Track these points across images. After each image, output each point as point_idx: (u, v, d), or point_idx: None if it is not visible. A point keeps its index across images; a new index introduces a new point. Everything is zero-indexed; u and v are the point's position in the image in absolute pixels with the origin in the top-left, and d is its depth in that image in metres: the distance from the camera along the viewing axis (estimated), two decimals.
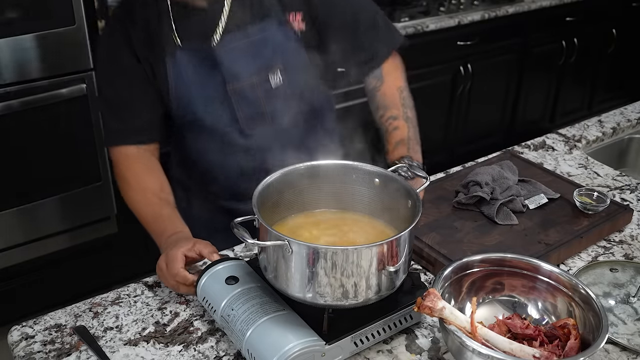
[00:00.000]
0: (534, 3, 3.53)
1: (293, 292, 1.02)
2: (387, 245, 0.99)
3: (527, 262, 1.11)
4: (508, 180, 1.47)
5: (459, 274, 1.10)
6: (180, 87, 1.33)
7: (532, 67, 3.73)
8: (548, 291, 1.10)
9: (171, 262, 1.17)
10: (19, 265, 2.42)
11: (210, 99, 1.35)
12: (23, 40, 2.14)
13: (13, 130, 2.22)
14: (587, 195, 1.48)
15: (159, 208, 1.34)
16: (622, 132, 2.01)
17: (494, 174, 1.48)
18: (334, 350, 1.03)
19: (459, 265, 1.10)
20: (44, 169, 2.33)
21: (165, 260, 1.19)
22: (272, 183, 1.13)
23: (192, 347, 1.11)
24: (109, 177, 2.48)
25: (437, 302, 0.96)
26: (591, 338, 0.99)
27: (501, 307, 1.11)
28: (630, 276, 1.29)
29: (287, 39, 1.34)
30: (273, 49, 1.33)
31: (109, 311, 1.19)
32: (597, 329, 0.98)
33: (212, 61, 1.31)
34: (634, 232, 1.46)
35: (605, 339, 0.95)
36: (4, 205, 2.29)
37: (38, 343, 1.11)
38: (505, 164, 1.56)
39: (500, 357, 0.92)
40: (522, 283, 1.12)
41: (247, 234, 0.99)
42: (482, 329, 0.98)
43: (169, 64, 1.32)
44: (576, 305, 1.06)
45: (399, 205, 1.13)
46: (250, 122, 1.37)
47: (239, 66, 1.32)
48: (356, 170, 1.18)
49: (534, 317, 1.10)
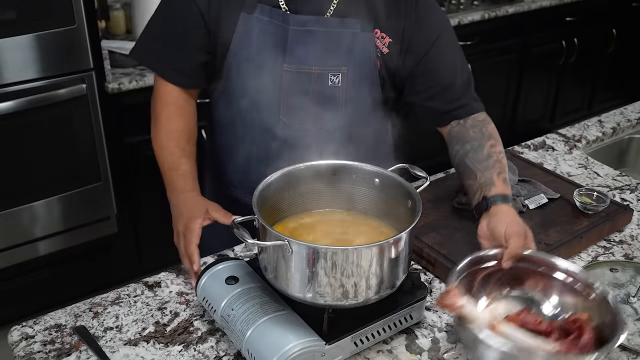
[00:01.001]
0: (534, 3, 3.53)
1: (293, 292, 1.02)
2: (387, 245, 0.99)
3: (542, 259, 1.12)
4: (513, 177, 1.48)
5: (472, 268, 1.10)
6: (243, 45, 1.32)
7: (532, 67, 3.73)
8: (563, 288, 1.10)
9: (189, 234, 1.22)
10: (19, 265, 2.41)
11: (265, 71, 1.32)
12: (23, 40, 2.14)
13: (13, 130, 2.22)
14: (587, 195, 1.48)
15: (177, 160, 1.36)
16: (622, 132, 2.01)
17: None
18: (334, 350, 1.03)
19: (474, 260, 1.10)
20: (44, 169, 2.33)
21: (183, 228, 1.24)
22: (272, 183, 1.13)
23: (192, 347, 1.11)
24: (109, 177, 2.48)
25: (457, 299, 0.98)
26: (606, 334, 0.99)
27: (515, 303, 1.11)
28: (630, 276, 1.29)
29: (363, 48, 1.29)
30: (346, 49, 1.29)
31: (109, 311, 1.19)
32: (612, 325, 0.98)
33: (284, 33, 1.29)
34: (634, 232, 1.46)
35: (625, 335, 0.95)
36: (4, 205, 2.29)
37: (38, 343, 1.11)
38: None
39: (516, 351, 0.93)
40: (536, 279, 1.12)
41: (247, 234, 0.99)
42: (501, 325, 1.00)
43: (243, 16, 1.30)
44: (591, 303, 1.06)
45: (399, 205, 1.13)
46: (290, 111, 1.33)
47: (305, 51, 1.29)
48: (356, 170, 1.18)
49: (547, 314, 1.10)
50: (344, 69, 1.30)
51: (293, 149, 1.30)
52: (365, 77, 1.32)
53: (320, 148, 1.24)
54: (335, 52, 1.29)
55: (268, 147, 1.36)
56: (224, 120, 1.43)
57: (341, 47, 1.29)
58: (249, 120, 1.37)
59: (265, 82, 1.31)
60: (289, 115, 1.33)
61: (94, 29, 2.28)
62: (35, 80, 2.21)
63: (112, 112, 2.41)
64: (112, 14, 2.72)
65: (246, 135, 1.39)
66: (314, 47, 1.28)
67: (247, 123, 1.37)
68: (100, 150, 2.42)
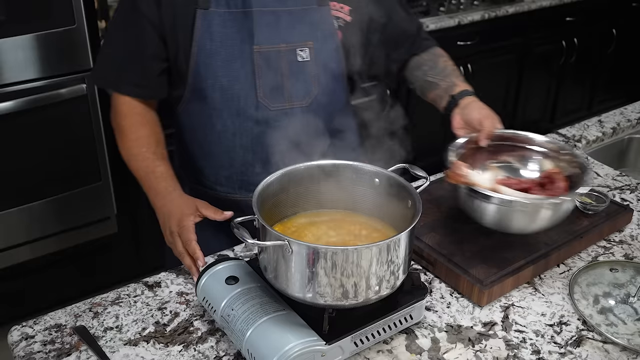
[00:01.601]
0: (534, 3, 3.53)
1: (293, 292, 1.02)
2: (387, 245, 0.99)
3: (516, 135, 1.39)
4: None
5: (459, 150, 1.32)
6: (206, 40, 1.33)
7: (532, 67, 3.73)
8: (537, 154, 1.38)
9: (185, 232, 1.23)
10: (20, 265, 2.42)
11: (234, 58, 1.34)
12: (23, 40, 2.14)
13: (13, 130, 2.22)
14: (587, 195, 1.48)
15: (152, 163, 1.35)
16: (622, 132, 2.01)
17: None
18: (334, 350, 1.03)
19: (459, 144, 1.34)
20: (44, 169, 2.33)
21: (177, 227, 1.25)
22: (272, 183, 1.13)
23: (192, 347, 1.11)
24: (108, 177, 2.48)
25: (462, 169, 1.21)
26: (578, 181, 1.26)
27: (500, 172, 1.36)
28: (630, 276, 1.29)
29: (324, 21, 1.38)
30: (309, 24, 1.36)
31: (109, 311, 1.19)
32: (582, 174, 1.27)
33: (246, 18, 1.32)
34: (634, 232, 1.46)
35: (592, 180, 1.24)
36: (4, 205, 2.29)
37: (38, 343, 1.11)
38: None
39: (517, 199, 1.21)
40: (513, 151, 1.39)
41: (247, 234, 0.99)
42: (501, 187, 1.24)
43: (200, 13, 1.32)
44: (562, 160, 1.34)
45: (399, 205, 1.13)
46: (267, 93, 1.36)
47: (271, 30, 1.33)
48: (356, 170, 1.18)
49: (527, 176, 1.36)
50: (310, 44, 1.37)
51: (275, 129, 1.34)
52: (331, 50, 1.39)
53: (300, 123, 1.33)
54: (298, 29, 1.36)
55: (250, 134, 1.39)
56: (196, 123, 1.43)
57: (303, 24, 1.36)
58: (225, 113, 1.38)
59: (237, 69, 1.34)
60: (267, 96, 1.36)
61: (94, 29, 2.28)
62: (35, 80, 2.21)
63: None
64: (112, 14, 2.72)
65: (225, 128, 1.39)
66: (278, 25, 1.34)
67: (224, 116, 1.38)
68: (100, 150, 2.42)
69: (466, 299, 1.24)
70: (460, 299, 1.24)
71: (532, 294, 1.26)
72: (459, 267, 1.25)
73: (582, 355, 1.12)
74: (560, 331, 1.17)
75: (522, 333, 1.16)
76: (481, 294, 1.20)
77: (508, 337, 1.15)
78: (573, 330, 1.17)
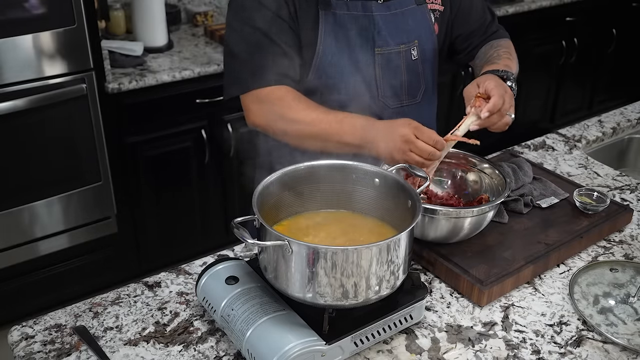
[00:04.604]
0: (534, 3, 3.53)
1: (293, 292, 1.02)
2: (387, 245, 0.99)
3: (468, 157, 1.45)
4: (525, 178, 1.52)
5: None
6: (330, 44, 1.36)
7: (532, 67, 3.73)
8: (464, 170, 1.44)
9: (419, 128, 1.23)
10: (19, 265, 2.41)
11: (356, 59, 1.38)
12: (23, 40, 2.14)
13: (13, 130, 2.22)
14: (587, 195, 1.48)
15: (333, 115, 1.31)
16: (622, 132, 2.01)
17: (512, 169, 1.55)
18: (334, 350, 1.03)
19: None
20: (44, 169, 2.33)
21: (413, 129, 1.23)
22: (273, 183, 1.13)
23: (192, 347, 1.11)
24: (109, 177, 2.48)
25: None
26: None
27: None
28: (630, 276, 1.29)
29: (423, 18, 1.46)
30: (413, 24, 1.45)
31: (109, 311, 1.19)
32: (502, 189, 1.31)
33: (367, 21, 1.38)
34: (634, 232, 1.46)
35: (506, 195, 1.29)
36: (4, 205, 2.29)
37: (38, 343, 1.11)
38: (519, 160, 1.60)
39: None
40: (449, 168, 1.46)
41: (247, 234, 0.99)
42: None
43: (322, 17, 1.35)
44: (484, 175, 1.40)
45: (399, 205, 1.13)
46: (387, 92, 1.43)
47: (389, 33, 1.41)
48: (356, 170, 1.18)
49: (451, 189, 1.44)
50: (416, 42, 1.46)
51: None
52: (431, 44, 1.49)
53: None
54: (408, 29, 1.44)
55: None
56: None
57: (410, 24, 1.44)
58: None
59: (361, 70, 1.40)
60: (386, 95, 1.43)
61: (94, 29, 2.28)
62: (35, 80, 2.21)
63: (112, 112, 2.41)
64: (112, 14, 2.72)
65: None
66: (395, 27, 1.42)
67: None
68: (100, 150, 2.42)
69: (466, 299, 1.24)
70: (460, 299, 1.24)
71: (532, 294, 1.26)
72: (459, 267, 1.25)
73: (582, 355, 1.12)
74: (560, 331, 1.17)
75: (522, 333, 1.16)
76: (481, 294, 1.20)
77: (508, 337, 1.15)
78: (573, 330, 1.17)
